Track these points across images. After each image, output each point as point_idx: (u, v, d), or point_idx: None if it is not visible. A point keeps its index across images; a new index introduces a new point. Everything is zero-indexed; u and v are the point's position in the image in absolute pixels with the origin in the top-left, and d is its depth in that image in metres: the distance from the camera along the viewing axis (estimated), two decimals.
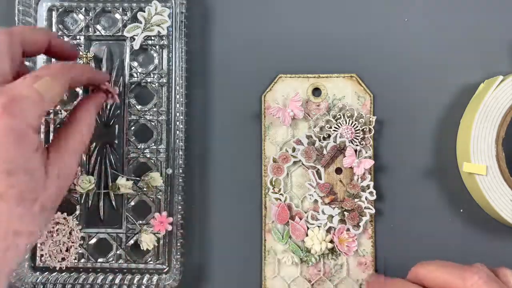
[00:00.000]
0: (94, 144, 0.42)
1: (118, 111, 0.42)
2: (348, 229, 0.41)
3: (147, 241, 0.40)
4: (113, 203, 0.42)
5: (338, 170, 0.41)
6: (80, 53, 0.42)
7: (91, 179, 0.41)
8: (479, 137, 0.38)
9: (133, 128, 0.42)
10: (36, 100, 0.29)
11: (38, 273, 0.41)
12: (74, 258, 0.41)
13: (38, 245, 0.41)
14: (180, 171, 0.41)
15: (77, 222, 0.41)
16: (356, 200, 0.41)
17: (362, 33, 0.43)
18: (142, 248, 0.40)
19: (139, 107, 0.42)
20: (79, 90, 0.42)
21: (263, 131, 0.42)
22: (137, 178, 0.41)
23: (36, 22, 0.42)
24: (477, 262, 0.30)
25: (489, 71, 0.42)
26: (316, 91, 0.42)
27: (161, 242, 0.41)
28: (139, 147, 0.42)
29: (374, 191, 0.41)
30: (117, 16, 0.42)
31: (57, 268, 0.41)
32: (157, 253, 0.41)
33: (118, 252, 0.42)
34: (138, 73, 0.42)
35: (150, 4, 0.41)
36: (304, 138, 0.41)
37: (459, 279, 0.29)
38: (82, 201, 0.42)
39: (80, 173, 0.42)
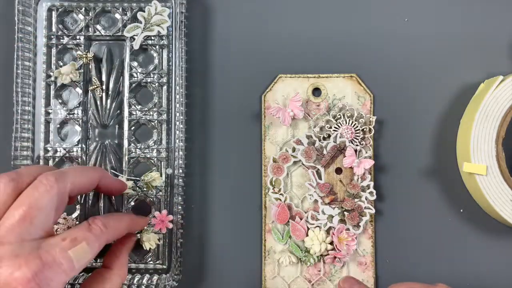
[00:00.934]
0: (94, 144, 0.42)
1: (118, 111, 0.42)
2: (348, 229, 0.41)
3: (149, 240, 0.40)
4: (113, 203, 0.42)
5: (338, 170, 0.41)
6: (80, 53, 0.42)
7: None
8: (479, 137, 0.38)
9: (133, 128, 0.42)
10: (67, 269, 0.28)
11: None
12: None
13: None
14: (180, 171, 0.41)
15: (77, 222, 0.41)
16: (356, 200, 0.41)
17: (362, 33, 0.43)
18: (145, 248, 0.40)
19: (139, 107, 0.42)
20: (79, 90, 0.42)
21: (263, 131, 0.42)
22: (137, 178, 0.41)
23: (36, 22, 0.42)
24: (442, 283, 0.34)
25: (489, 71, 0.42)
26: (316, 91, 0.42)
27: (161, 242, 0.41)
28: (139, 147, 0.42)
29: (374, 191, 0.41)
30: (117, 16, 0.42)
31: None
32: (157, 253, 0.41)
33: None
34: (138, 73, 0.42)
35: (150, 4, 0.41)
36: (304, 138, 0.41)
37: None
38: (82, 201, 0.42)
39: None
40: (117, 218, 0.34)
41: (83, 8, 0.42)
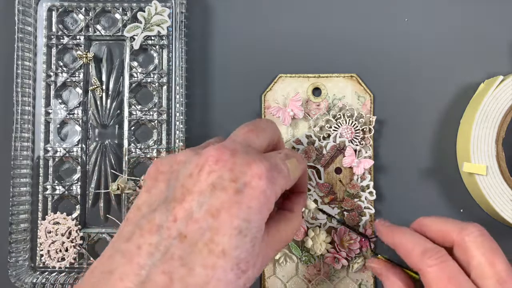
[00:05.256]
0: (94, 144, 0.42)
1: (118, 111, 0.42)
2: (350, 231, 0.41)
3: None
4: (113, 203, 0.42)
5: (338, 170, 0.41)
6: (80, 53, 0.42)
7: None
8: (479, 137, 0.38)
9: (133, 128, 0.42)
10: (286, 175, 0.29)
11: (37, 273, 0.41)
12: (73, 258, 0.41)
13: (38, 245, 0.41)
14: None
15: (76, 222, 0.41)
16: (355, 200, 0.41)
17: (362, 33, 0.43)
18: None
19: (139, 107, 0.42)
20: (79, 90, 0.42)
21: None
22: (137, 178, 0.41)
23: (36, 22, 0.42)
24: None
25: (489, 71, 0.42)
26: (316, 91, 0.42)
27: None
28: (139, 147, 0.42)
29: (374, 191, 0.41)
30: (117, 16, 0.42)
31: (57, 268, 0.41)
32: None
33: None
34: (138, 73, 0.42)
35: (150, 4, 0.41)
36: (304, 137, 0.41)
37: (457, 229, 0.30)
38: (82, 201, 0.42)
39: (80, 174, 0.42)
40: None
41: (83, 8, 0.42)
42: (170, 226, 0.25)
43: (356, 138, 0.41)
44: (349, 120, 0.41)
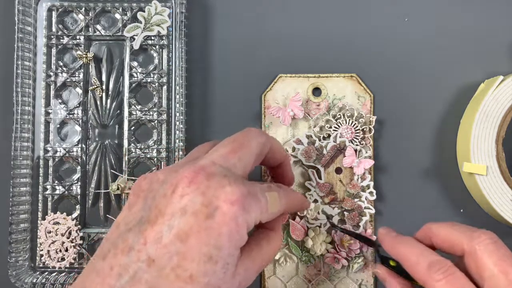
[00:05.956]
0: (94, 144, 0.42)
1: (118, 111, 0.42)
2: None
3: None
4: (113, 203, 0.42)
5: (338, 170, 0.41)
6: (80, 53, 0.42)
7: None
8: (479, 137, 0.38)
9: (133, 128, 0.42)
10: (263, 207, 0.28)
11: (37, 273, 0.41)
12: (73, 258, 0.41)
13: (38, 245, 0.41)
14: None
15: (76, 222, 0.41)
16: (356, 200, 0.41)
17: (362, 33, 0.43)
18: None
19: (139, 107, 0.42)
20: (79, 90, 0.42)
21: (263, 130, 0.42)
22: (137, 178, 0.41)
23: (36, 22, 0.42)
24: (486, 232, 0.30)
25: (489, 71, 0.42)
26: (316, 91, 0.42)
27: None
28: (139, 147, 0.42)
29: (374, 191, 0.41)
30: (117, 16, 0.42)
31: (57, 268, 0.41)
32: None
33: None
34: (138, 73, 0.42)
35: (150, 4, 0.41)
36: (304, 137, 0.41)
37: (467, 237, 0.29)
38: (82, 201, 0.42)
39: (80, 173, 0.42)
40: (292, 191, 0.34)
41: (83, 8, 0.42)
42: (141, 248, 0.25)
43: (356, 138, 0.41)
44: (349, 120, 0.41)
